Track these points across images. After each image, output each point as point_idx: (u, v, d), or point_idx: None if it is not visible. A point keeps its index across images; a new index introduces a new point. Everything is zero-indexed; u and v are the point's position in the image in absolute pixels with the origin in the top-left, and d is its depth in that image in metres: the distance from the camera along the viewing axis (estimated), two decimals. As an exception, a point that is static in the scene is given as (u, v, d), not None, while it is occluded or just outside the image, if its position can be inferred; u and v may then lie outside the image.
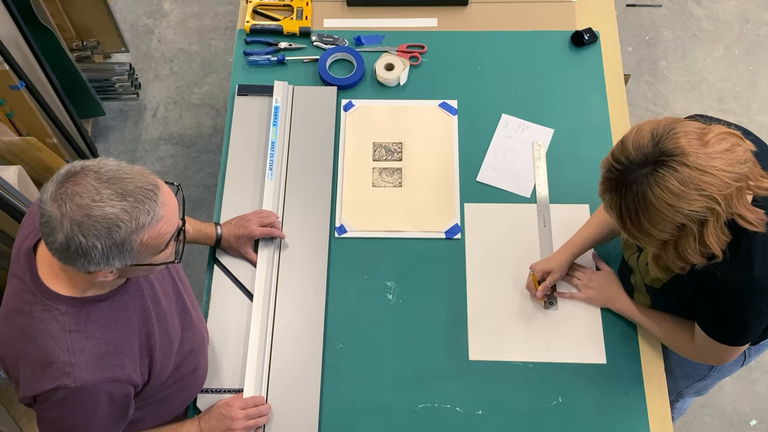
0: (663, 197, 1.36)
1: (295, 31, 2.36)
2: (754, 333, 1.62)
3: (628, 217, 1.43)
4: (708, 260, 1.46)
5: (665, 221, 1.39)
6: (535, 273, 1.93)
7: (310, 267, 2.00)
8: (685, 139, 1.36)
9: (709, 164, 1.35)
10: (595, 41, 2.33)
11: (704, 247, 1.42)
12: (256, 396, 1.80)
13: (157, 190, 1.32)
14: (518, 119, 2.22)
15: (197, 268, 3.02)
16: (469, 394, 1.85)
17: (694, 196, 1.35)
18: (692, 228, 1.39)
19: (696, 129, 1.39)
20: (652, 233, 1.42)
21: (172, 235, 1.37)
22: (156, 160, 3.28)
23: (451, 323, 1.93)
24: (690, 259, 1.45)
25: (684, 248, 1.43)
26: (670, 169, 1.35)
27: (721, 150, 1.36)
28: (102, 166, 1.30)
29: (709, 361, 1.78)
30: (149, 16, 3.63)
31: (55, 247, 1.29)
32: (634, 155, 1.39)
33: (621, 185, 1.41)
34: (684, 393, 2.15)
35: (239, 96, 2.25)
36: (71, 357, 1.38)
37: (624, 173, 1.40)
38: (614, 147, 1.45)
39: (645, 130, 1.41)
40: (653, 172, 1.36)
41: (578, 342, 1.90)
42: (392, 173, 2.14)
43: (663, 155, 1.36)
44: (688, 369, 1.98)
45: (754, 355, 1.93)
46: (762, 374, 2.85)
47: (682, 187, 1.35)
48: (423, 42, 2.35)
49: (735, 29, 3.55)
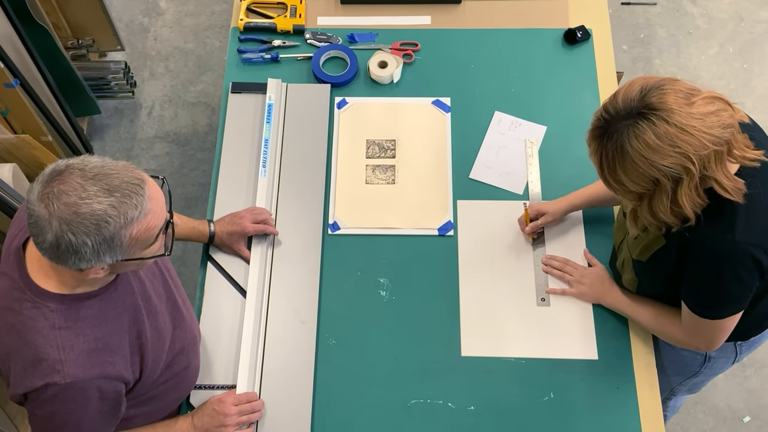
0: (639, 149, 1.39)
1: (289, 29, 2.37)
2: (736, 304, 1.62)
3: (606, 166, 1.46)
4: (682, 222, 1.49)
5: (639, 173, 1.42)
6: (529, 210, 1.98)
7: (304, 264, 2.01)
8: (672, 97, 1.39)
9: (689, 123, 1.37)
10: (588, 39, 2.34)
11: (677, 206, 1.45)
12: (249, 392, 1.81)
13: (144, 184, 1.32)
14: (511, 116, 2.22)
15: (192, 266, 3.03)
16: (462, 390, 1.86)
17: (668, 152, 1.38)
18: (666, 185, 1.42)
19: (685, 89, 1.41)
20: (626, 184, 1.45)
21: (160, 228, 1.37)
22: (151, 158, 3.29)
23: (444, 319, 1.94)
24: (662, 216, 1.47)
25: (657, 204, 1.46)
26: (649, 122, 1.38)
27: (706, 112, 1.39)
28: (87, 163, 1.30)
29: (699, 345, 1.77)
30: (145, 15, 3.64)
31: (45, 246, 1.29)
32: (621, 106, 1.42)
33: (604, 134, 1.44)
34: (676, 390, 2.16)
35: (233, 94, 2.25)
36: (61, 354, 1.38)
37: (609, 122, 1.44)
38: (608, 98, 1.48)
39: (637, 83, 1.44)
40: (634, 124, 1.40)
41: (570, 338, 1.91)
42: (385, 170, 2.15)
43: (646, 108, 1.40)
44: (679, 365, 1.99)
45: (745, 351, 1.94)
46: (755, 371, 2.86)
47: (657, 141, 1.38)
48: (416, 40, 2.36)
49: (729, 27, 3.56)
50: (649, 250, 1.68)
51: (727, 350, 1.90)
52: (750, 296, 1.61)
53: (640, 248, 1.70)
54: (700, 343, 1.75)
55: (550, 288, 1.97)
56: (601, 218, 2.05)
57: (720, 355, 1.91)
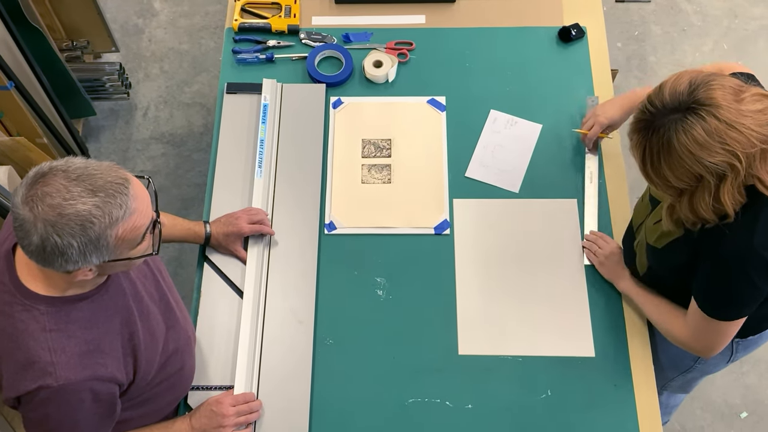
0: (686, 144, 1.38)
1: (284, 29, 2.37)
2: (744, 307, 1.61)
3: (650, 160, 1.45)
4: (720, 219, 1.47)
5: (684, 169, 1.40)
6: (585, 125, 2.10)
7: (300, 264, 2.01)
8: (720, 92, 1.38)
9: (738, 120, 1.36)
10: (583, 37, 2.34)
11: (718, 203, 1.43)
12: (246, 392, 1.80)
13: (128, 184, 1.32)
14: (507, 115, 2.23)
15: (189, 267, 3.03)
16: (459, 389, 1.86)
17: (717, 148, 1.37)
18: (709, 181, 1.41)
19: (734, 85, 1.40)
20: (670, 180, 1.44)
21: (147, 227, 1.37)
22: (147, 159, 3.28)
23: (441, 318, 1.94)
24: (702, 213, 1.46)
25: (698, 201, 1.45)
26: (699, 117, 1.37)
27: (754, 110, 1.38)
28: (70, 164, 1.30)
29: (698, 348, 1.76)
30: (139, 16, 3.63)
31: (31, 249, 1.28)
32: (669, 100, 1.41)
33: (649, 127, 1.43)
34: (668, 386, 2.16)
35: (228, 94, 2.25)
36: (52, 356, 1.38)
37: (655, 116, 1.42)
38: (652, 90, 1.46)
39: (684, 77, 1.43)
40: (682, 119, 1.38)
41: (567, 335, 1.91)
42: (381, 170, 2.15)
43: (695, 103, 1.38)
44: (674, 358, 1.99)
45: (741, 351, 1.94)
46: (752, 366, 2.87)
47: (707, 137, 1.36)
48: (411, 39, 2.36)
49: (723, 24, 3.57)
50: (666, 238, 1.67)
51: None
52: (759, 301, 1.60)
53: (657, 235, 1.70)
54: (700, 345, 1.74)
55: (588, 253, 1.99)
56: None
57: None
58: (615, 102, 2.06)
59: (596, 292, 1.97)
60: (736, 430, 2.77)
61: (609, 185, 2.11)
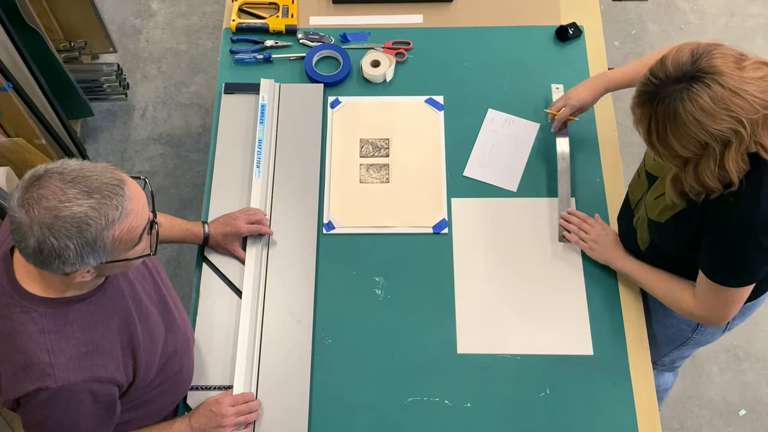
0: (692, 112, 1.40)
1: (281, 29, 2.37)
2: (755, 272, 1.63)
3: (655, 131, 1.46)
4: (724, 188, 1.49)
5: (690, 137, 1.42)
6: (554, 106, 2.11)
7: (299, 263, 2.01)
8: (722, 60, 1.40)
9: (741, 87, 1.38)
10: (580, 36, 2.34)
11: (723, 170, 1.45)
12: (245, 392, 1.81)
13: (123, 185, 1.32)
14: (504, 114, 2.23)
15: (187, 267, 3.03)
16: (458, 387, 1.86)
17: (722, 115, 1.39)
18: (714, 149, 1.43)
19: (735, 53, 1.43)
20: (676, 149, 1.46)
21: (143, 228, 1.36)
22: (145, 160, 3.28)
23: (440, 317, 1.95)
24: (707, 182, 1.48)
25: (704, 170, 1.46)
26: (704, 85, 1.39)
27: (756, 77, 1.40)
28: (65, 167, 1.30)
29: (710, 318, 1.76)
30: (137, 16, 3.63)
31: (28, 252, 1.28)
32: (672, 71, 1.43)
33: (654, 98, 1.44)
34: (658, 364, 2.18)
35: (226, 94, 2.25)
36: (51, 358, 1.37)
37: (659, 87, 1.44)
38: (653, 63, 1.48)
39: (685, 49, 1.45)
40: (688, 88, 1.40)
41: (565, 334, 1.91)
42: (379, 169, 2.15)
43: (699, 72, 1.40)
44: (671, 331, 2.01)
45: (737, 319, 1.94)
46: (751, 364, 2.87)
47: (712, 104, 1.38)
48: (409, 38, 2.36)
49: (721, 22, 3.58)
50: (669, 211, 1.68)
51: None
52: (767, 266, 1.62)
53: (659, 209, 1.70)
54: (712, 314, 1.74)
55: (567, 234, 2.00)
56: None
57: None
58: (586, 84, 2.08)
59: (595, 290, 1.97)
60: (735, 427, 2.78)
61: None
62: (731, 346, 2.90)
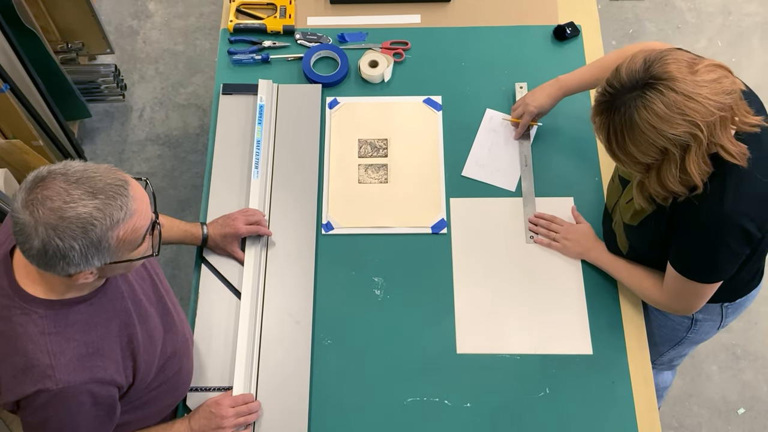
0: (648, 119, 1.41)
1: (279, 30, 2.37)
2: (723, 271, 1.65)
3: (614, 139, 1.48)
4: (689, 191, 1.51)
5: (649, 144, 1.44)
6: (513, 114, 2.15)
7: (298, 264, 2.01)
8: (675, 66, 1.41)
9: (695, 91, 1.40)
10: (577, 35, 2.34)
11: (685, 174, 1.47)
12: (245, 393, 1.80)
13: (127, 185, 1.32)
14: (502, 114, 2.23)
15: (186, 268, 3.02)
16: (458, 387, 1.86)
17: (678, 120, 1.40)
18: (674, 153, 1.44)
19: (687, 58, 1.44)
20: (636, 156, 1.47)
21: (146, 228, 1.37)
22: (143, 161, 3.28)
23: (439, 317, 1.95)
24: (671, 186, 1.49)
25: (666, 174, 1.48)
26: (657, 92, 1.40)
27: (709, 80, 1.41)
28: (69, 168, 1.30)
29: (676, 308, 1.80)
30: (134, 17, 3.63)
31: (32, 253, 1.28)
32: (626, 79, 1.45)
33: (611, 107, 1.46)
34: (657, 362, 2.20)
35: (224, 95, 2.25)
36: (51, 359, 1.37)
37: (615, 96, 1.46)
38: (610, 73, 1.50)
39: (639, 57, 1.46)
40: (641, 95, 1.42)
41: (565, 333, 1.92)
42: (378, 169, 2.15)
43: (652, 78, 1.42)
44: (667, 330, 2.03)
45: (731, 315, 1.95)
46: (749, 363, 2.88)
47: (666, 110, 1.40)
48: (406, 38, 2.36)
49: (718, 21, 3.58)
50: (640, 215, 1.71)
51: (713, 312, 1.93)
52: (738, 264, 1.65)
53: (631, 213, 1.73)
54: (678, 305, 1.79)
55: (537, 238, 2.01)
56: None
57: (706, 318, 1.94)
58: (543, 89, 2.10)
59: (594, 289, 1.97)
60: (734, 426, 2.78)
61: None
62: (730, 345, 2.91)
